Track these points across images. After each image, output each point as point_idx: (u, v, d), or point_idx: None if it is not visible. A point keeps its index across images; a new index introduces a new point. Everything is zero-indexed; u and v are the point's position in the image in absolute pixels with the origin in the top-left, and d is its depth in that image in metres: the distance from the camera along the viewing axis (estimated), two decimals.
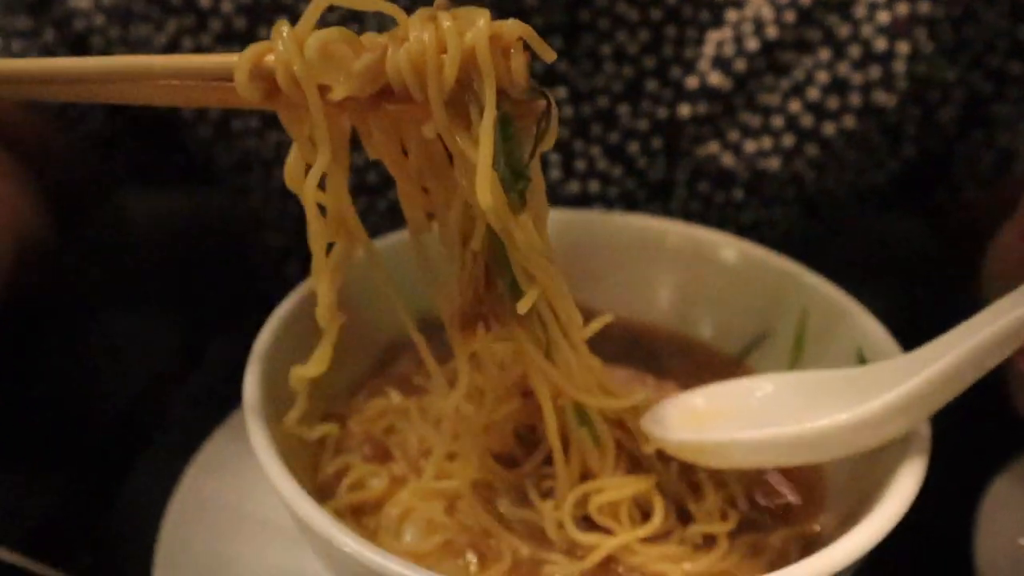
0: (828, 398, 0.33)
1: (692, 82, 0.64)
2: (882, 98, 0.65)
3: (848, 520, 0.30)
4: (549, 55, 0.29)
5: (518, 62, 0.28)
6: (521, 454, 0.37)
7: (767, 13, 0.63)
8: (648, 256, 0.48)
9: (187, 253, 0.88)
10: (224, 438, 0.46)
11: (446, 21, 0.28)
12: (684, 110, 0.64)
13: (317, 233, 0.33)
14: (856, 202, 0.69)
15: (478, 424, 0.36)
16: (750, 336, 0.46)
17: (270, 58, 0.30)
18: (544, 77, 0.62)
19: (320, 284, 0.34)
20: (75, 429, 0.55)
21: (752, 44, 0.64)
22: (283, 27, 0.30)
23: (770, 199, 0.68)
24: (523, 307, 0.31)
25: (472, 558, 0.34)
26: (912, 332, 0.67)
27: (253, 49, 0.30)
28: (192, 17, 0.64)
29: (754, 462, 0.34)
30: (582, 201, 0.63)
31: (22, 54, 0.64)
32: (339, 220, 0.33)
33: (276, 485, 0.31)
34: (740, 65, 0.64)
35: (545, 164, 0.61)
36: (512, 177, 0.29)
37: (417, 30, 0.28)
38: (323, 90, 0.29)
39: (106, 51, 0.66)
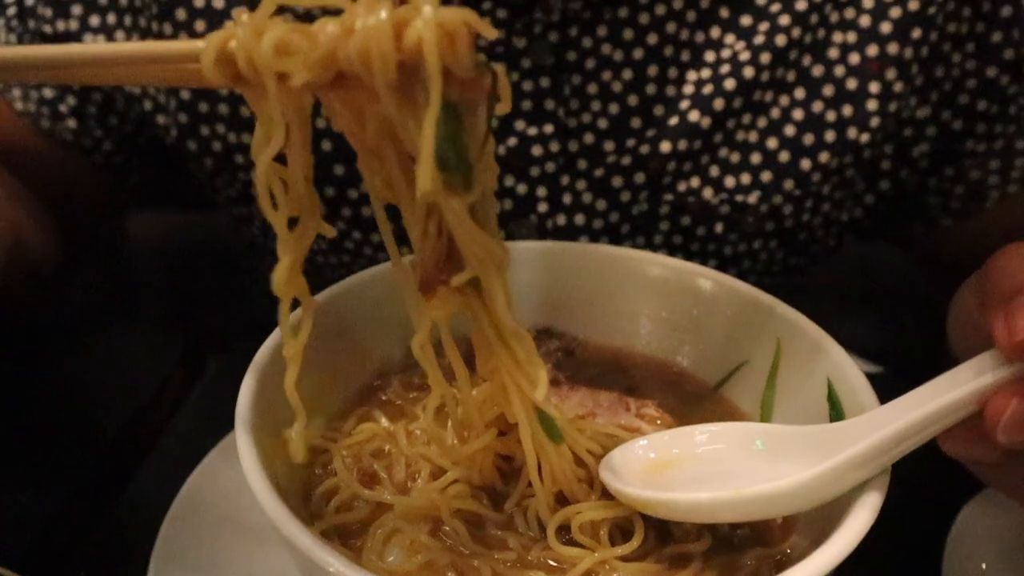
0: (773, 454, 0.35)
1: (673, 120, 0.65)
2: (855, 135, 0.66)
3: (817, 541, 0.32)
4: (490, 33, 0.31)
5: (462, 44, 0.29)
6: (501, 483, 0.38)
7: (744, 54, 0.65)
8: (630, 286, 0.49)
9: (189, 273, 0.90)
10: (220, 456, 0.47)
11: (386, 12, 0.29)
12: (666, 147, 0.65)
13: (281, 208, 0.35)
14: (834, 234, 0.71)
15: (461, 454, 0.38)
16: (728, 365, 0.47)
17: (233, 44, 0.31)
18: (533, 115, 0.64)
19: (284, 257, 0.35)
20: (73, 446, 0.56)
21: (730, 84, 0.65)
22: (243, 15, 0.32)
23: (750, 232, 0.69)
24: (455, 282, 0.33)
25: None
26: (892, 358, 0.68)
27: (218, 35, 0.32)
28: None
29: (699, 518, 0.35)
30: (568, 233, 0.64)
31: (38, 86, 0.67)
32: (298, 195, 0.35)
33: (264, 506, 0.33)
34: (719, 104, 0.65)
35: (533, 198, 0.64)
36: (457, 161, 0.30)
37: (365, 22, 0.29)
38: (283, 76, 0.30)
39: (118, 86, 0.67)
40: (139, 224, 0.81)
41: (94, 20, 0.66)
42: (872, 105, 0.66)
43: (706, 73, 0.65)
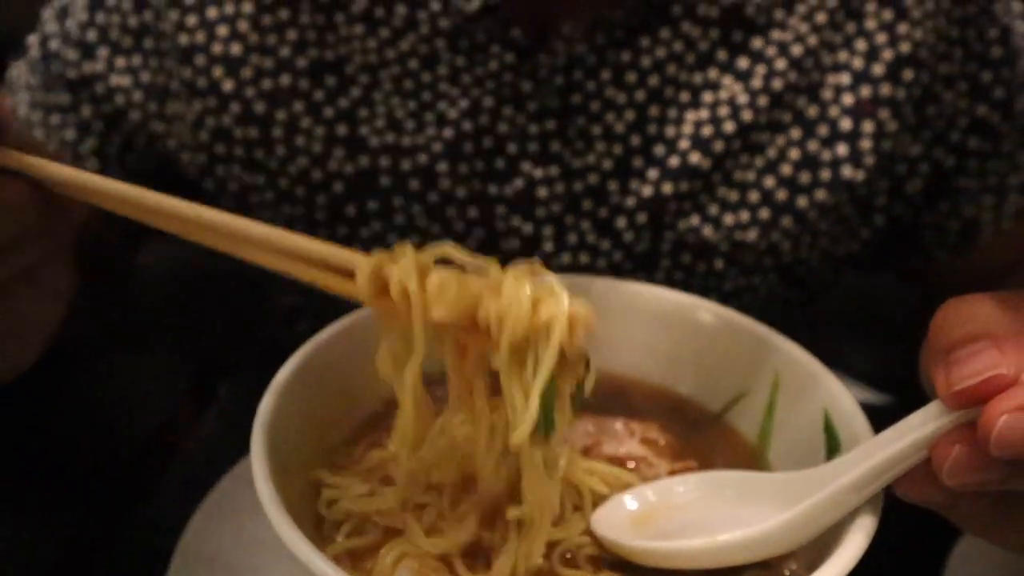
0: (747, 500, 0.37)
1: (674, 161, 0.68)
2: (850, 173, 0.68)
3: (813, 566, 0.33)
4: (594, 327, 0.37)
5: (579, 334, 0.35)
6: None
7: (742, 97, 0.67)
8: (632, 318, 0.51)
9: (199, 300, 0.91)
10: (232, 484, 0.48)
11: (531, 287, 0.36)
12: (667, 187, 0.68)
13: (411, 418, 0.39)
14: (832, 268, 0.72)
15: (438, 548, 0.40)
16: (729, 394, 0.48)
17: (389, 268, 0.36)
18: (539, 157, 0.67)
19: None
20: (84, 472, 0.58)
21: (729, 127, 0.68)
22: (408, 249, 0.37)
23: (749, 268, 0.71)
24: (510, 515, 0.37)
25: None
26: (900, 386, 0.69)
27: (377, 258, 0.37)
28: (212, 99, 0.68)
29: (679, 565, 0.37)
30: (573, 272, 0.67)
31: (60, 127, 0.69)
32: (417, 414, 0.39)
33: (280, 532, 0.34)
34: (718, 146, 0.68)
35: (539, 238, 0.67)
36: (544, 421, 0.35)
37: (511, 289, 0.36)
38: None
39: (142, 124, 0.70)
40: (149, 250, 0.83)
41: (120, 62, 0.69)
42: (866, 144, 0.68)
43: (705, 114, 0.68)
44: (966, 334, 0.33)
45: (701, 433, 0.48)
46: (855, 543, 0.33)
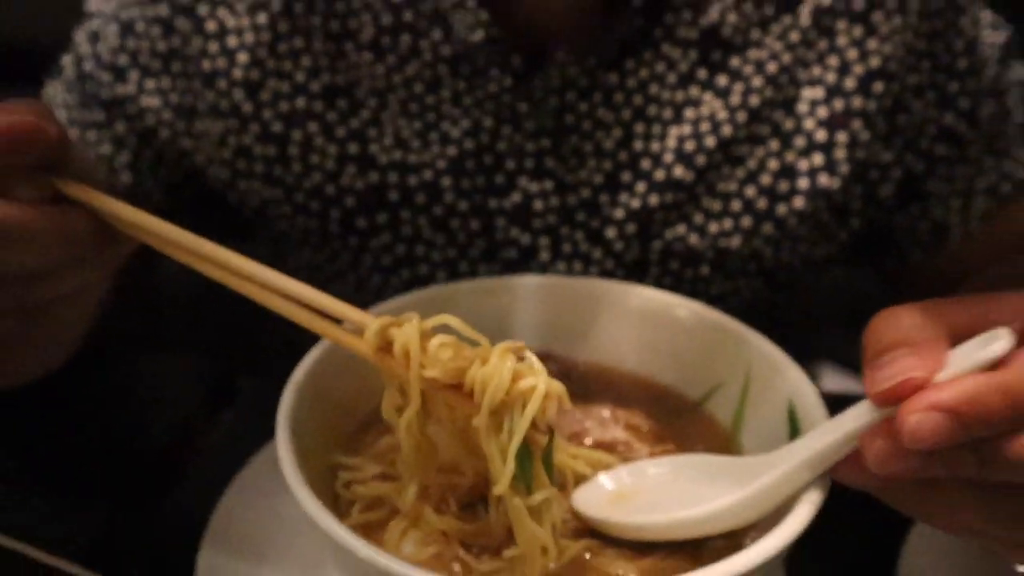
0: (712, 480, 0.42)
1: (659, 175, 0.71)
2: (826, 181, 0.71)
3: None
4: (568, 406, 0.41)
5: (552, 408, 0.40)
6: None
7: (722, 113, 0.71)
8: (617, 314, 0.55)
9: (223, 306, 0.96)
10: (257, 468, 0.54)
11: (514, 364, 0.40)
12: (653, 199, 0.71)
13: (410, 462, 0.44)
14: (812, 270, 0.76)
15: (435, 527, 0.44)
16: (707, 385, 0.52)
17: (393, 330, 0.41)
18: (535, 172, 0.71)
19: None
20: (120, 458, 0.63)
21: (710, 141, 0.71)
22: (414, 316, 0.42)
23: (734, 273, 0.75)
24: (506, 554, 0.42)
25: (457, 567, 0.41)
26: None
27: (384, 321, 0.42)
28: (234, 119, 0.72)
29: (647, 538, 0.42)
30: None
31: (96, 143, 0.73)
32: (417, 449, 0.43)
33: (304, 505, 0.39)
34: (700, 159, 0.71)
35: (536, 248, 0.71)
36: (522, 476, 0.40)
37: (496, 360, 0.40)
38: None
39: (171, 141, 0.73)
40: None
41: (149, 84, 0.72)
42: (840, 153, 0.71)
43: (688, 130, 0.71)
44: (889, 342, 0.37)
45: (681, 420, 0.52)
46: (801, 515, 0.37)
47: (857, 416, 0.37)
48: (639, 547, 0.42)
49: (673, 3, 0.68)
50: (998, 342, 0.34)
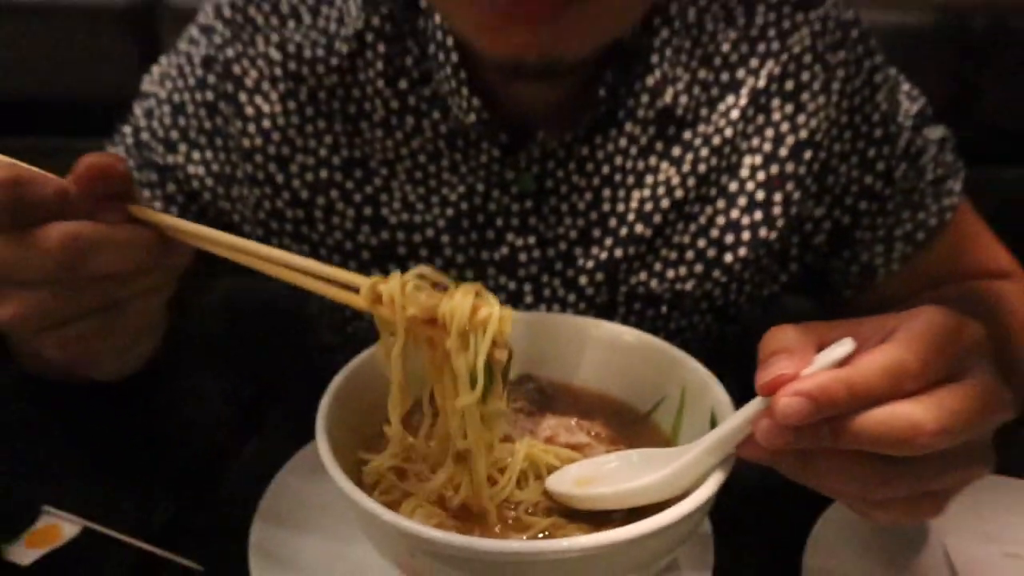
0: (649, 467, 0.51)
1: (624, 231, 0.79)
2: (766, 233, 0.79)
3: None
4: (510, 328, 0.51)
5: (505, 330, 0.49)
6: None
7: (675, 179, 0.78)
8: (583, 342, 0.65)
9: (256, 335, 1.07)
10: (294, 467, 0.65)
11: (475, 299, 0.50)
12: (619, 252, 0.79)
13: (397, 388, 0.53)
14: (759, 307, 0.84)
15: (429, 489, 0.55)
16: (654, 398, 0.62)
17: (381, 286, 0.50)
18: (520, 229, 0.79)
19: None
20: (178, 456, 0.72)
21: (665, 203, 0.78)
22: (396, 274, 0.50)
23: (689, 311, 0.82)
24: (459, 446, 0.52)
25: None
26: None
27: (374, 279, 0.50)
28: (268, 187, 0.81)
29: (602, 507, 0.52)
30: None
31: (149, 200, 0.81)
32: (400, 388, 0.53)
33: (339, 484, 0.48)
34: (658, 218, 0.78)
35: (520, 293, 0.80)
36: (483, 390, 0.50)
37: (460, 297, 0.49)
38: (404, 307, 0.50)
39: (212, 202, 0.82)
40: (213, 288, 0.92)
41: (195, 156, 0.81)
42: (777, 211, 0.78)
43: (647, 193, 0.78)
44: (773, 349, 0.47)
45: (632, 428, 0.61)
46: (707, 488, 0.47)
47: (750, 407, 0.47)
48: (596, 522, 0.52)
49: (634, 89, 0.76)
50: (842, 348, 0.44)
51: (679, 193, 0.79)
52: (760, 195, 0.79)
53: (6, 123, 1.46)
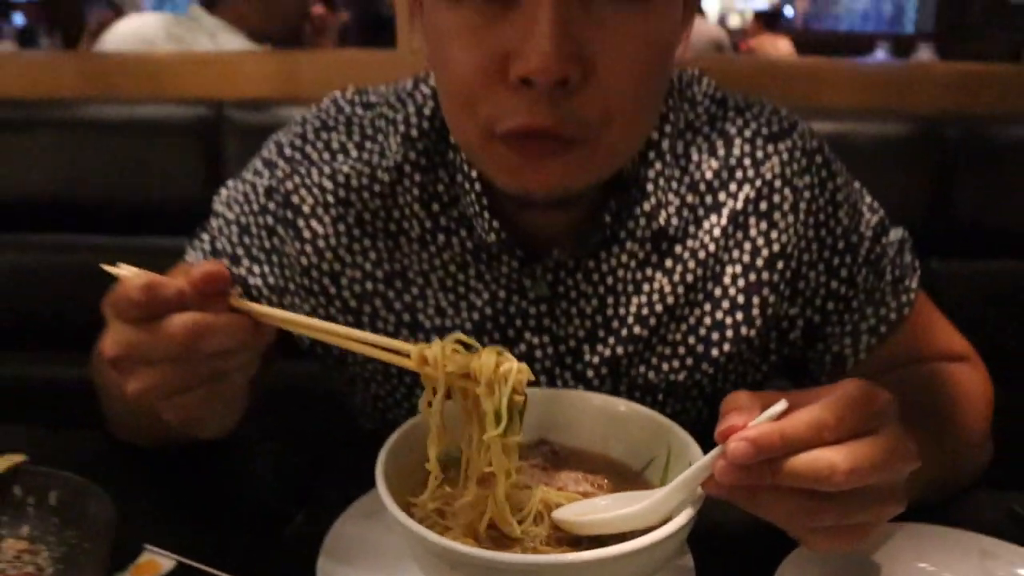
0: (634, 502, 0.64)
1: (624, 332, 0.88)
2: (746, 331, 0.89)
3: None
4: (531, 376, 0.63)
5: (523, 382, 0.63)
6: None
7: (667, 287, 0.88)
8: (588, 413, 0.76)
9: (309, 416, 1.20)
10: (356, 510, 0.77)
11: (497, 357, 0.63)
12: (620, 350, 0.88)
13: (436, 434, 0.65)
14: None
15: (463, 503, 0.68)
16: (646, 458, 0.73)
17: (426, 351, 0.62)
18: (535, 329, 0.89)
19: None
20: (254, 500, 0.86)
21: (659, 307, 0.88)
22: (438, 342, 0.62)
23: (682, 399, 0.92)
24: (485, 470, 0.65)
25: None
26: None
27: (420, 346, 0.63)
28: (322, 298, 0.91)
29: (598, 531, 0.64)
30: None
31: None
32: (439, 429, 0.65)
33: (395, 515, 0.61)
34: (653, 320, 0.88)
35: (536, 384, 0.86)
36: (507, 427, 0.62)
37: (486, 357, 0.62)
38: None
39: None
40: (271, 374, 1.02)
41: (255, 269, 0.91)
42: (756, 312, 0.88)
43: (644, 299, 0.88)
44: (729, 408, 0.60)
45: (628, 482, 0.71)
46: (681, 517, 0.60)
47: (712, 453, 0.60)
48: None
49: (633, 213, 0.87)
50: (778, 407, 0.58)
51: (671, 299, 0.89)
52: (741, 299, 0.88)
53: (90, 222, 1.66)
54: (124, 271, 0.66)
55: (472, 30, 0.71)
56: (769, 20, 7.11)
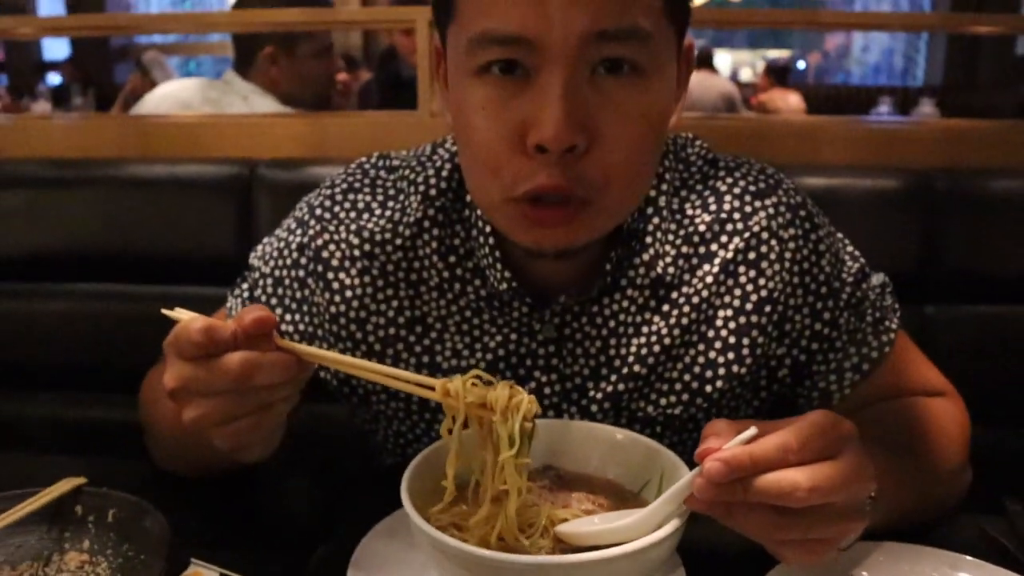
0: (621, 520, 0.72)
1: (625, 371, 0.94)
2: (737, 369, 0.95)
3: None
4: (538, 409, 0.71)
5: (531, 411, 0.72)
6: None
7: (664, 329, 0.94)
8: (589, 441, 0.83)
9: (334, 451, 1.29)
10: (383, 527, 0.86)
11: (510, 390, 0.72)
12: (621, 386, 0.95)
13: (454, 454, 0.73)
14: None
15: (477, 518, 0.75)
16: (642, 480, 0.79)
17: (448, 384, 0.70)
18: (544, 368, 0.95)
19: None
20: (288, 523, 0.95)
21: (656, 348, 0.94)
22: (459, 377, 0.70)
23: (679, 431, 0.98)
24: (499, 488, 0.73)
25: None
26: None
27: (443, 380, 0.71)
28: (349, 343, 0.99)
29: (594, 541, 0.70)
30: None
31: None
32: (457, 454, 0.73)
33: (418, 524, 0.70)
34: (651, 360, 0.94)
35: (544, 418, 0.94)
36: (518, 449, 0.70)
37: (501, 390, 0.71)
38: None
39: None
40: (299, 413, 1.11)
41: (287, 318, 1.00)
42: (746, 352, 0.94)
43: (643, 340, 0.94)
44: (707, 434, 0.69)
45: (626, 502, 0.78)
46: (667, 528, 0.68)
47: (692, 472, 0.68)
48: None
49: (633, 263, 0.94)
50: (748, 432, 0.67)
51: (668, 340, 0.95)
52: (732, 340, 0.95)
53: (132, 273, 1.77)
54: (181, 314, 0.76)
55: (495, 104, 0.80)
56: (779, 75, 7.27)
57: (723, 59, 11.43)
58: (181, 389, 0.71)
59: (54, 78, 8.75)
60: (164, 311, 0.76)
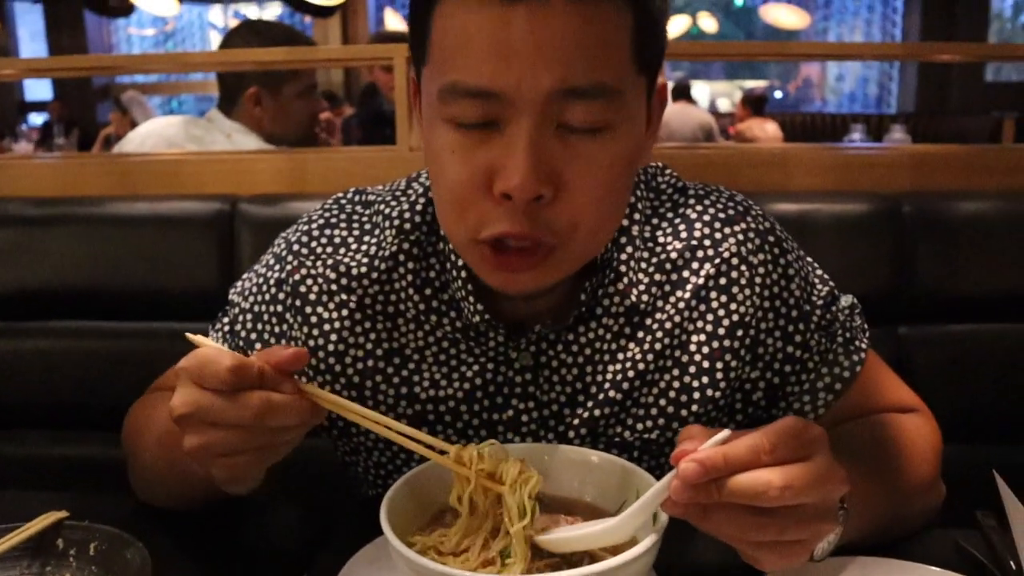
0: (599, 525, 0.74)
1: (601, 396, 0.95)
2: (712, 393, 0.95)
3: None
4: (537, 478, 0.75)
5: (537, 487, 0.76)
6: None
7: (639, 355, 0.95)
8: (567, 464, 0.84)
9: (317, 483, 1.30)
10: (363, 555, 0.87)
11: (520, 465, 0.78)
12: (597, 412, 0.95)
13: (464, 520, 0.76)
14: None
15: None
16: (619, 500, 0.80)
17: (463, 452, 0.75)
18: (521, 396, 0.96)
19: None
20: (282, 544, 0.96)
21: (632, 373, 0.95)
22: (471, 445, 0.74)
23: (656, 455, 0.97)
24: (495, 547, 0.75)
25: None
26: None
27: (457, 447, 0.75)
28: (328, 376, 0.98)
29: (571, 547, 0.75)
30: None
31: None
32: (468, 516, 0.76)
33: (398, 548, 0.71)
34: (626, 385, 0.95)
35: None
36: (525, 513, 0.73)
37: (511, 466, 0.77)
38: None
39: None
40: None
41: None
42: (720, 376, 0.95)
43: (618, 367, 0.95)
44: (683, 437, 0.70)
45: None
46: (647, 541, 0.70)
47: (668, 476, 0.69)
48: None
49: (608, 292, 0.95)
50: (721, 435, 0.68)
51: (643, 366, 0.96)
52: (706, 364, 0.96)
53: (114, 310, 1.78)
54: (203, 341, 0.77)
55: (464, 149, 0.81)
56: (756, 105, 7.39)
57: (701, 90, 11.60)
58: (190, 416, 0.72)
59: (36, 118, 8.78)
60: (188, 335, 0.76)
